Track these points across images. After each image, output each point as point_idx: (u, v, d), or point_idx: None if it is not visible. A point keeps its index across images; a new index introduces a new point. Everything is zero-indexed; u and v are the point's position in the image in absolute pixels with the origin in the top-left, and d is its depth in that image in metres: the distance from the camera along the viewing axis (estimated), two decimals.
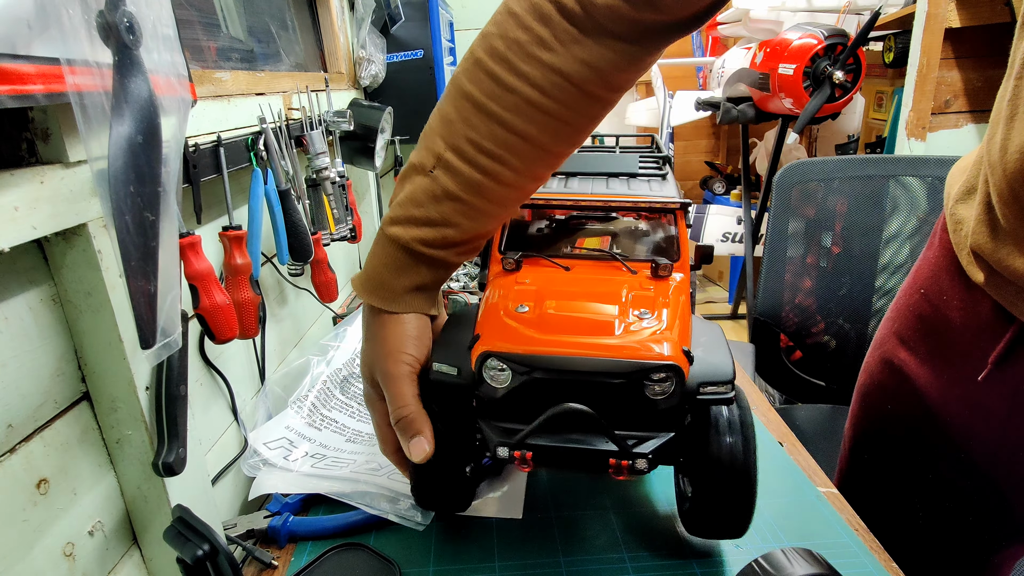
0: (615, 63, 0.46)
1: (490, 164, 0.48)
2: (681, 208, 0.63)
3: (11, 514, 0.41)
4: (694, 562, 0.57)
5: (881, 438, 0.75)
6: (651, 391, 0.47)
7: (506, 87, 0.46)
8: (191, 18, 0.78)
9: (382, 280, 0.52)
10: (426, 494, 0.57)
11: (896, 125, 1.86)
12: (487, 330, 0.51)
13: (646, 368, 0.46)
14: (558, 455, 0.49)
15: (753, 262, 2.44)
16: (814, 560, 0.42)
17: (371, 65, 1.28)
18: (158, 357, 0.42)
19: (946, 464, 0.66)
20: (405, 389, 0.51)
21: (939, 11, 1.66)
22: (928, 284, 0.68)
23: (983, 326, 0.60)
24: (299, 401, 0.80)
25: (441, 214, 0.50)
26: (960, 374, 0.63)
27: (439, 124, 0.49)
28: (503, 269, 0.60)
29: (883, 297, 1.24)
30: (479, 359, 0.48)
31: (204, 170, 0.62)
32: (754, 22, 2.16)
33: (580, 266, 0.61)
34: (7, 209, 0.37)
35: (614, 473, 0.48)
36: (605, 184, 0.67)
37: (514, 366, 0.48)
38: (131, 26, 0.39)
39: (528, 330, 0.49)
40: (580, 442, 0.48)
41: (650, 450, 0.48)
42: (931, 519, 0.69)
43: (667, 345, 0.48)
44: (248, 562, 0.59)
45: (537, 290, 0.55)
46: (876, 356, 0.76)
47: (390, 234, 0.51)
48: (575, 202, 0.64)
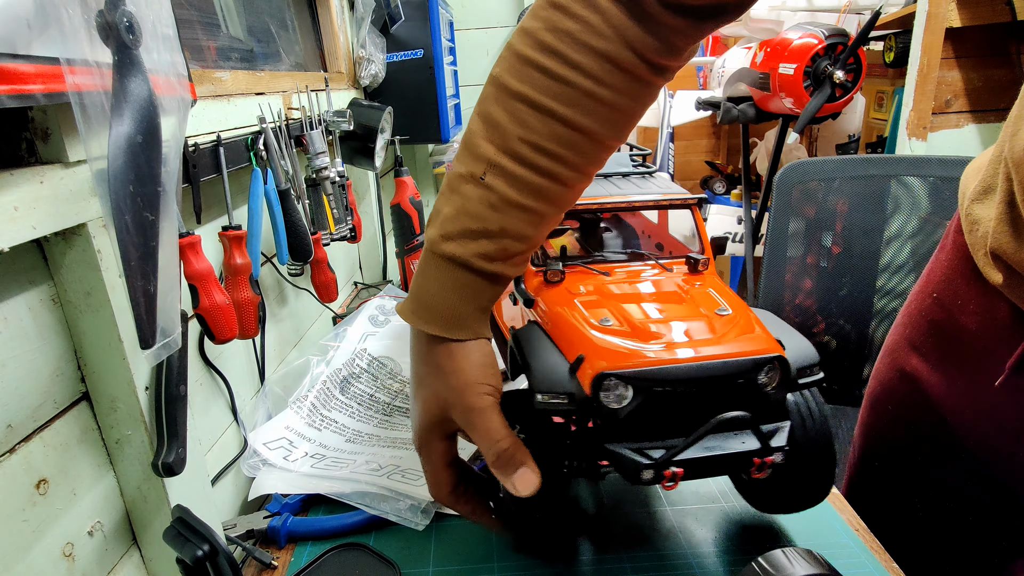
0: (661, 47, 0.45)
1: (549, 164, 0.46)
2: (697, 203, 0.64)
3: (11, 514, 0.41)
4: (694, 562, 0.57)
5: (892, 446, 0.74)
6: (761, 384, 0.48)
7: (562, 80, 0.44)
8: (191, 18, 0.78)
9: (442, 305, 0.48)
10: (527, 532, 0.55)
11: (897, 125, 1.85)
12: (588, 349, 0.48)
13: (759, 363, 0.47)
14: (706, 465, 0.47)
15: (753, 262, 2.44)
16: (815, 561, 0.42)
17: (371, 65, 1.28)
18: (158, 357, 0.42)
19: (959, 472, 0.65)
20: (496, 422, 0.48)
21: (940, 11, 1.66)
22: (941, 288, 0.66)
23: (1000, 331, 0.58)
24: (299, 401, 0.80)
25: (500, 224, 0.46)
26: (974, 381, 0.62)
27: (484, 129, 0.46)
28: (545, 280, 0.58)
29: (884, 297, 1.24)
30: (595, 381, 0.46)
31: (204, 170, 0.62)
32: (754, 22, 2.16)
33: (616, 269, 0.60)
34: (7, 209, 0.37)
35: (756, 471, 0.47)
36: (616, 186, 0.67)
37: (636, 383, 0.46)
38: (131, 26, 0.39)
39: (632, 344, 0.48)
40: (720, 448, 0.47)
41: (785, 442, 0.48)
42: (943, 527, 0.68)
43: (766, 338, 0.49)
44: (248, 562, 0.59)
45: (601, 300, 0.54)
46: (887, 363, 0.75)
47: (445, 252, 0.47)
48: (595, 206, 0.64)
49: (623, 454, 0.47)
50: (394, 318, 0.99)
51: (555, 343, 0.51)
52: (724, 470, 0.49)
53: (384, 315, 0.99)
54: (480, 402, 0.47)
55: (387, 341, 0.93)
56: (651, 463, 0.45)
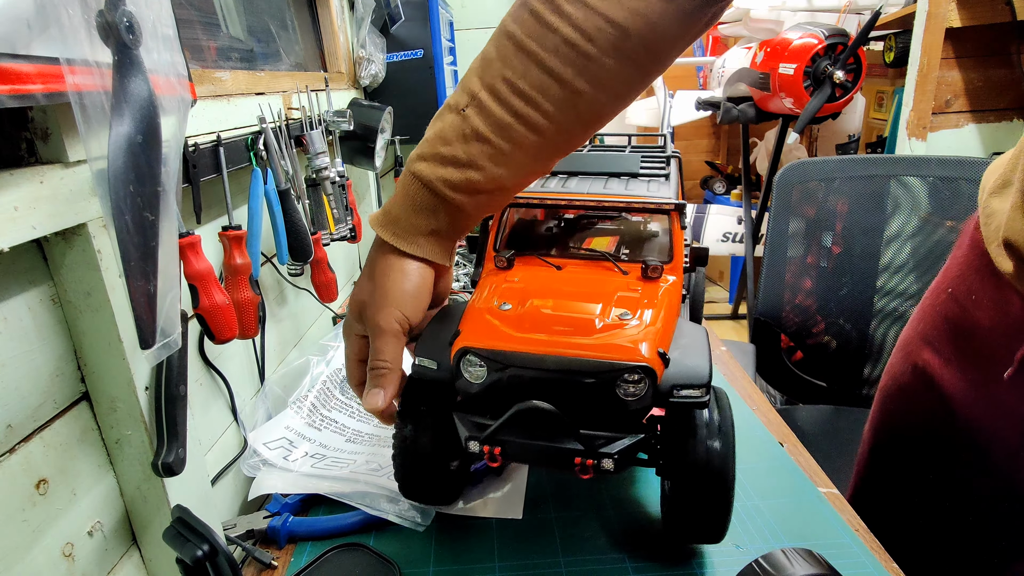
0: (667, 19, 0.45)
1: (522, 106, 0.47)
2: (676, 209, 0.63)
3: (10, 514, 0.41)
4: (694, 562, 0.57)
5: (902, 441, 0.74)
6: (623, 392, 0.47)
7: (547, 26, 0.45)
8: (191, 18, 0.78)
9: (400, 217, 0.51)
10: (409, 484, 0.59)
11: (897, 125, 1.86)
12: (468, 326, 0.51)
13: (618, 368, 0.47)
14: (526, 451, 0.50)
15: (753, 262, 2.44)
16: (815, 560, 0.42)
17: (371, 65, 1.28)
18: (158, 357, 0.42)
19: (966, 468, 0.65)
20: (389, 347, 0.52)
21: (940, 11, 1.66)
22: (956, 284, 0.67)
23: (1012, 325, 0.59)
24: (299, 401, 0.80)
25: (468, 154, 0.49)
26: (985, 375, 0.62)
27: (478, 64, 0.49)
28: (495, 267, 0.61)
29: (884, 297, 1.24)
30: (457, 354, 0.49)
31: (204, 170, 0.62)
32: (754, 22, 2.16)
33: (572, 266, 0.61)
34: (7, 209, 0.37)
35: (580, 472, 0.48)
36: (603, 184, 0.67)
37: (489, 362, 0.49)
38: (131, 26, 0.39)
39: (507, 328, 0.50)
40: (548, 440, 0.49)
41: (616, 450, 0.48)
42: (952, 523, 0.68)
43: (644, 346, 0.48)
44: (248, 562, 0.59)
45: (524, 288, 0.55)
46: (899, 357, 0.75)
47: (414, 170, 0.50)
48: (570, 201, 0.64)
49: (460, 423, 0.51)
50: None
51: (459, 321, 0.54)
52: (548, 462, 0.50)
53: None
54: (387, 325, 0.51)
55: None
56: (477, 436, 0.49)
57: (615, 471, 0.48)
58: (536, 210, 0.69)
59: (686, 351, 0.51)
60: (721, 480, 0.50)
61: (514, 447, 0.50)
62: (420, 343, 0.54)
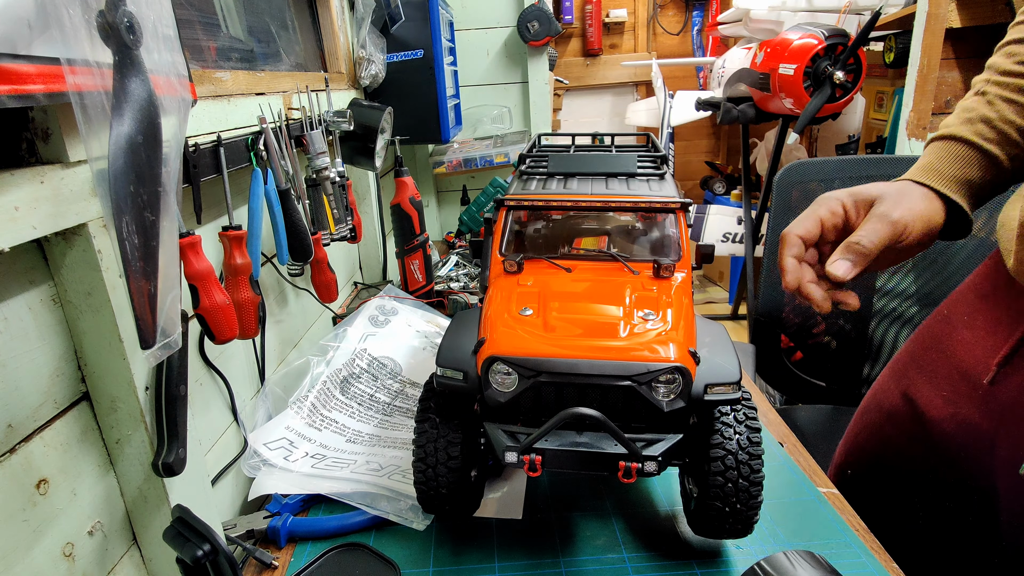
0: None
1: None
2: (682, 207, 0.63)
3: (11, 514, 0.41)
4: (694, 562, 0.57)
5: (869, 456, 0.77)
6: (658, 393, 0.47)
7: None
8: (191, 18, 0.78)
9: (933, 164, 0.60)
10: (432, 499, 0.56)
11: (897, 125, 1.85)
12: (492, 334, 0.50)
13: (653, 370, 0.46)
14: (567, 459, 0.48)
15: (753, 262, 2.44)
16: (816, 563, 0.42)
17: (371, 65, 1.28)
18: (158, 357, 0.42)
19: (942, 486, 0.67)
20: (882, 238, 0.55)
21: (940, 11, 1.66)
22: (952, 305, 0.70)
23: (992, 346, 0.61)
24: (299, 401, 0.80)
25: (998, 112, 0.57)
26: (957, 390, 0.64)
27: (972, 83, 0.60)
28: (504, 271, 0.60)
29: (884, 297, 1.24)
30: (485, 363, 0.48)
31: (204, 170, 0.61)
32: (754, 22, 2.15)
33: (581, 267, 0.60)
34: (7, 209, 0.37)
35: (623, 476, 0.48)
36: (605, 184, 0.67)
37: (520, 370, 0.48)
38: (131, 26, 0.39)
39: (533, 333, 0.49)
40: (589, 445, 0.48)
41: (659, 453, 0.48)
42: (944, 526, 0.69)
43: (673, 347, 0.48)
44: (248, 562, 0.59)
45: (540, 292, 0.54)
46: (885, 373, 0.78)
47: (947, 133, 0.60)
48: (575, 202, 0.64)
49: (493, 434, 0.50)
50: (394, 318, 0.99)
51: (479, 328, 0.53)
52: (590, 468, 0.49)
53: (384, 315, 0.99)
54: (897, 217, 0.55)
55: (387, 341, 0.93)
56: (514, 446, 0.48)
57: (657, 472, 0.48)
58: (539, 212, 0.69)
59: (713, 349, 0.51)
60: (754, 475, 0.51)
61: (555, 455, 0.48)
62: (440, 353, 0.52)
